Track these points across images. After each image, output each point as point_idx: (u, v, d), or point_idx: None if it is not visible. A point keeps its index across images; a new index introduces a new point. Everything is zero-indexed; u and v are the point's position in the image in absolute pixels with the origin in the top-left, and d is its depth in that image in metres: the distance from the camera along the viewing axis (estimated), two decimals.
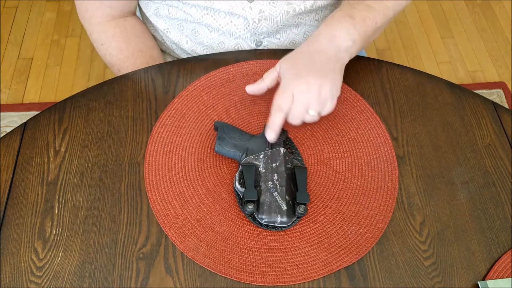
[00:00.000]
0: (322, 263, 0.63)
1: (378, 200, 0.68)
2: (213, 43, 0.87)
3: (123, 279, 0.62)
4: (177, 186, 0.68)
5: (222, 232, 0.65)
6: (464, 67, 1.89)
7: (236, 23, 0.83)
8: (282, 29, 0.86)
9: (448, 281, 0.62)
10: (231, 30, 0.84)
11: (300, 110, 0.69)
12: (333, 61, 0.72)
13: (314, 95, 0.69)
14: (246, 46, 0.87)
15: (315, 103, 0.69)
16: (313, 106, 0.69)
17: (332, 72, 0.71)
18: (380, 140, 0.74)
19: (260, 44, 0.87)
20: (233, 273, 0.62)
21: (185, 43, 0.89)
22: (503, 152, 0.73)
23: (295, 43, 0.89)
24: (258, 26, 0.83)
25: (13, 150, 0.72)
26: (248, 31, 0.84)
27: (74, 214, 0.67)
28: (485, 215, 0.68)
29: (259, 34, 0.85)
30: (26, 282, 0.61)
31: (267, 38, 0.87)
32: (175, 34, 0.89)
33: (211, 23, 0.84)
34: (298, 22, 0.86)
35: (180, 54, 0.93)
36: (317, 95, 0.69)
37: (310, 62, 0.71)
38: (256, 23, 0.83)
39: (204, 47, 0.88)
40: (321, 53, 0.72)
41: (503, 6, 2.07)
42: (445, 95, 0.79)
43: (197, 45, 0.88)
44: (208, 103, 0.77)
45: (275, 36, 0.87)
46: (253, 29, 0.84)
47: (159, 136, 0.73)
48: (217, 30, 0.85)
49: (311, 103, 0.69)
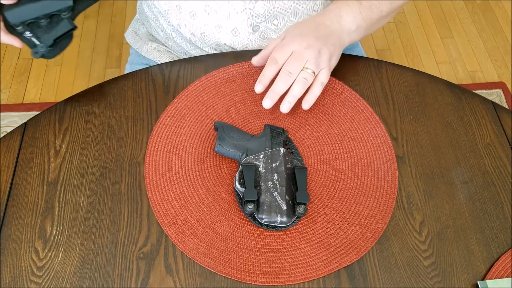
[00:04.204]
0: (322, 263, 0.63)
1: (378, 200, 0.68)
2: (210, 27, 0.87)
3: (123, 279, 0.62)
4: (177, 186, 0.69)
5: (222, 232, 0.65)
6: (464, 67, 1.89)
7: (234, 3, 0.84)
8: (280, 14, 0.86)
9: (448, 281, 0.63)
10: (228, 12, 0.84)
11: (296, 64, 0.69)
12: (335, 36, 0.72)
13: (313, 53, 0.69)
14: (243, 31, 0.87)
15: (312, 62, 0.68)
16: (310, 64, 0.69)
17: (333, 45, 0.71)
18: (380, 140, 0.74)
19: (258, 29, 0.87)
20: (233, 272, 0.62)
21: (183, 27, 0.89)
22: (503, 152, 0.73)
23: None
24: (254, 7, 0.84)
25: (13, 150, 0.72)
26: (245, 13, 0.84)
27: (75, 214, 0.67)
28: (484, 215, 0.68)
29: (256, 17, 0.85)
30: (26, 282, 0.62)
31: (264, 23, 0.87)
32: (175, 17, 0.89)
33: (209, 2, 0.84)
34: (294, 8, 0.86)
35: (180, 43, 0.93)
36: (317, 54, 0.69)
37: (315, 29, 0.72)
38: (253, 3, 0.83)
39: (201, 32, 0.88)
40: (327, 26, 0.73)
41: (502, 6, 2.08)
42: (445, 95, 0.79)
43: (195, 29, 0.88)
44: (208, 103, 0.77)
45: (272, 22, 0.87)
46: (250, 10, 0.84)
47: (159, 136, 0.73)
48: (215, 12, 0.85)
49: (309, 60, 0.68)
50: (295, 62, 0.69)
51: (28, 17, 0.74)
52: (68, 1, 0.75)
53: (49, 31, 0.75)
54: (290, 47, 0.70)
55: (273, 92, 0.70)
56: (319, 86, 0.71)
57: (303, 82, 0.69)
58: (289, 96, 0.70)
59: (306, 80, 0.69)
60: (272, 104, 0.70)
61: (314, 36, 0.71)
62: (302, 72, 0.69)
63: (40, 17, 0.74)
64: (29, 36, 0.74)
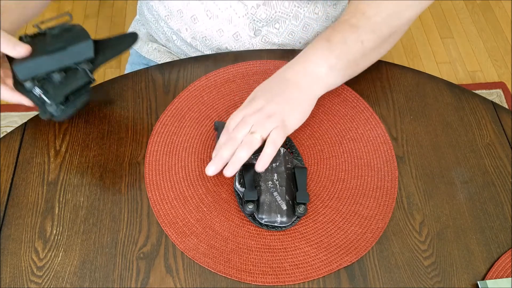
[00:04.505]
0: (322, 263, 0.63)
1: (378, 200, 0.68)
2: (212, 31, 0.87)
3: (123, 279, 0.62)
4: (177, 186, 0.69)
5: (222, 232, 0.65)
6: (464, 67, 1.89)
7: (235, 8, 0.83)
8: (281, 18, 0.86)
9: (448, 281, 0.63)
10: (230, 16, 0.84)
11: (241, 129, 0.66)
12: (299, 91, 0.67)
13: (261, 116, 0.65)
14: (245, 35, 0.87)
15: (258, 125, 0.65)
16: (256, 127, 0.65)
17: (295, 101, 0.66)
18: (380, 140, 0.74)
19: (259, 33, 0.87)
20: (233, 272, 0.62)
21: (184, 31, 0.89)
22: (503, 152, 0.73)
23: (294, 35, 0.89)
24: (256, 12, 0.83)
25: (13, 150, 0.72)
26: (247, 17, 0.84)
27: (75, 214, 0.67)
28: (484, 215, 0.68)
29: (258, 21, 0.85)
30: (26, 282, 0.62)
31: (266, 27, 0.86)
32: (175, 21, 0.89)
33: (211, 7, 0.84)
34: (296, 12, 0.86)
35: (181, 46, 0.93)
36: (264, 117, 0.65)
37: (275, 88, 0.68)
38: (255, 8, 0.83)
39: (203, 35, 0.88)
40: (289, 80, 0.68)
41: (502, 6, 2.08)
42: (445, 95, 0.79)
43: (197, 33, 0.88)
44: (208, 103, 0.77)
45: (273, 26, 0.87)
46: (252, 15, 0.84)
47: (159, 136, 0.73)
48: (216, 17, 0.85)
49: (255, 124, 0.65)
50: (240, 127, 0.66)
51: (40, 72, 0.64)
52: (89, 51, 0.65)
53: (61, 86, 0.64)
54: (241, 113, 0.67)
55: (218, 157, 0.66)
56: (271, 145, 0.65)
57: (247, 146, 0.65)
58: (233, 158, 0.65)
59: (251, 143, 0.65)
60: (216, 171, 0.66)
61: (269, 96, 0.67)
62: (247, 136, 0.65)
63: (53, 71, 0.64)
64: (39, 94, 0.64)
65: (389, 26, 0.71)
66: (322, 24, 0.91)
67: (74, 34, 0.68)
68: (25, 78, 0.64)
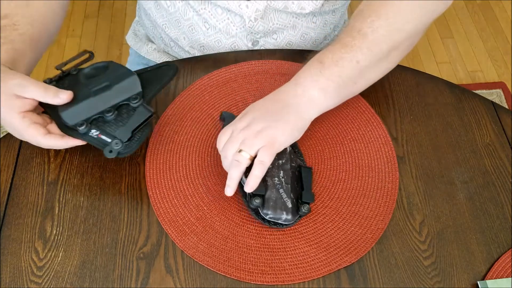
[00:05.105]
0: (322, 263, 0.63)
1: (378, 201, 0.68)
2: (210, 40, 0.87)
3: (123, 279, 0.62)
4: (177, 185, 0.69)
5: (222, 231, 0.65)
6: (464, 67, 1.89)
7: (233, 21, 0.83)
8: (279, 29, 0.86)
9: (448, 281, 0.63)
10: (227, 28, 0.84)
11: (229, 147, 0.65)
12: (292, 112, 0.66)
13: (249, 134, 0.64)
14: (243, 45, 0.87)
15: (245, 143, 0.64)
16: (243, 146, 0.64)
17: (285, 121, 0.65)
18: (381, 141, 0.74)
19: (257, 43, 0.87)
20: (232, 271, 0.62)
21: (182, 40, 0.89)
22: (503, 152, 0.73)
23: (292, 44, 0.89)
24: (254, 25, 0.83)
25: (13, 150, 0.72)
26: (244, 30, 0.84)
27: (75, 214, 0.67)
28: (484, 215, 0.68)
29: (255, 33, 0.85)
30: (26, 282, 0.62)
31: (264, 38, 0.87)
32: (173, 30, 0.89)
33: (208, 18, 0.84)
34: (294, 23, 0.86)
35: (179, 52, 0.93)
36: (252, 135, 0.64)
37: (267, 106, 0.67)
38: (252, 21, 0.83)
39: (201, 45, 0.88)
40: (281, 101, 0.67)
41: (502, 6, 2.08)
42: (445, 95, 0.79)
43: (194, 42, 0.88)
44: (209, 102, 0.77)
45: (271, 36, 0.87)
46: (250, 28, 0.84)
47: (160, 135, 0.73)
48: (214, 28, 0.85)
49: (242, 141, 0.64)
50: (229, 145, 0.65)
51: (91, 114, 0.64)
52: (136, 86, 0.65)
53: (121, 124, 0.65)
54: (231, 128, 0.66)
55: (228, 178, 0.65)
56: (258, 166, 0.63)
57: (236, 165, 0.64)
58: (227, 180, 0.65)
59: (239, 162, 0.64)
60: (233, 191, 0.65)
61: (261, 113, 0.66)
62: (235, 155, 0.65)
63: (105, 111, 0.65)
64: (96, 135, 0.64)
65: (388, 42, 0.69)
66: (320, 32, 0.91)
67: (114, 71, 0.68)
68: (76, 123, 0.64)
